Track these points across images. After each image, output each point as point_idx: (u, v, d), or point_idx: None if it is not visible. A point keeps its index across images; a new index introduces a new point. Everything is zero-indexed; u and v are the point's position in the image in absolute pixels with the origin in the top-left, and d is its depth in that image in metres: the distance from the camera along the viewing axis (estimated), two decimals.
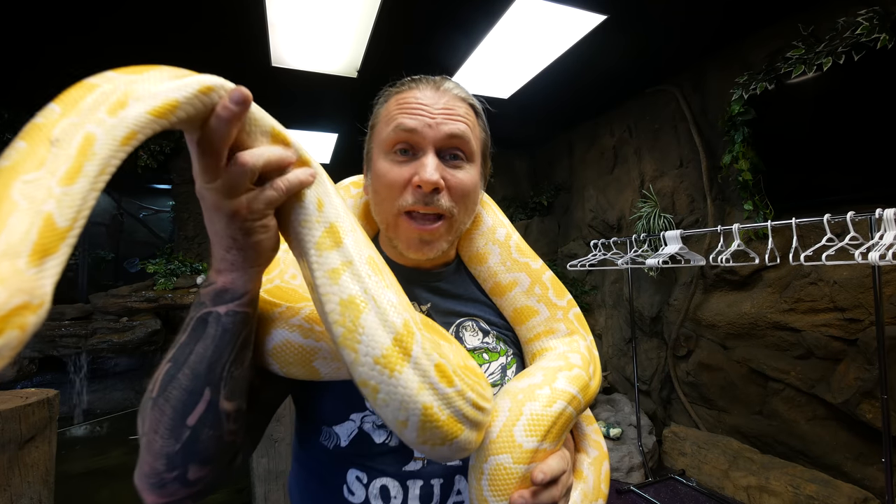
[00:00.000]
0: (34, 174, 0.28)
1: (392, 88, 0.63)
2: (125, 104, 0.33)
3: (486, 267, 0.68)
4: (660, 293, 3.38)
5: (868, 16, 2.01)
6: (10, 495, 1.32)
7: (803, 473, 2.35)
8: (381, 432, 0.58)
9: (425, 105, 0.58)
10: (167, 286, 3.41)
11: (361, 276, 0.42)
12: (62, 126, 0.30)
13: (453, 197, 0.59)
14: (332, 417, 0.59)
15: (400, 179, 0.58)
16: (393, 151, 0.59)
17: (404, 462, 0.56)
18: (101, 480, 2.63)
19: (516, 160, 5.01)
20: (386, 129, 0.60)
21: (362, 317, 0.40)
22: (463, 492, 0.57)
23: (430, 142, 0.58)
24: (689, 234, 2.75)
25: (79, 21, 2.36)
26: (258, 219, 0.41)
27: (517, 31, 2.50)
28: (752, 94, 2.52)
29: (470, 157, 0.62)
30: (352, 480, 0.57)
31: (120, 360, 3.51)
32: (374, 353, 0.40)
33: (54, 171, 0.28)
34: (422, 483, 0.56)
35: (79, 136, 0.30)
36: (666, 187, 3.33)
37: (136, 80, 0.36)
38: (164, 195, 4.29)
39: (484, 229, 0.69)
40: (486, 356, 0.64)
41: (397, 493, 0.55)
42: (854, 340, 2.24)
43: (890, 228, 1.74)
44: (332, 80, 3.01)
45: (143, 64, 0.39)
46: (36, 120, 0.30)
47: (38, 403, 1.43)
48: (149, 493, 0.45)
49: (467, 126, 0.60)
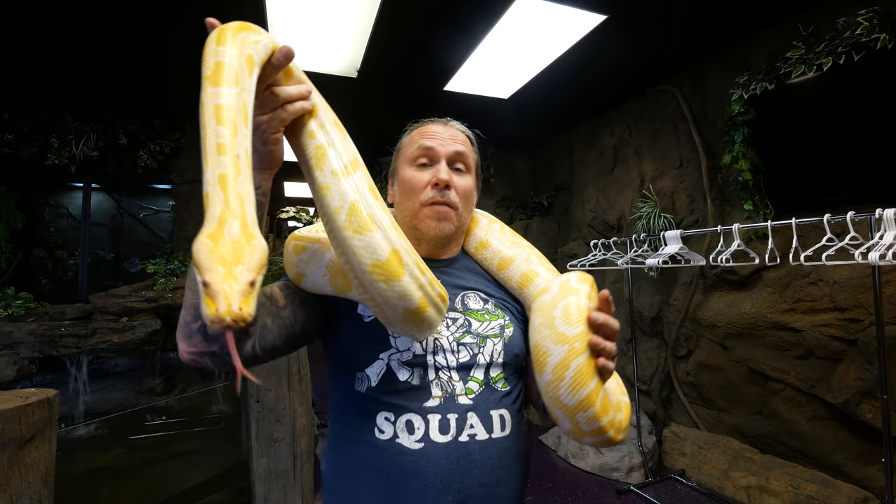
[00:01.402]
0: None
1: (415, 124, 0.88)
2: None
3: (491, 248, 0.87)
4: (660, 293, 3.38)
5: (868, 16, 2.01)
6: (10, 495, 1.32)
7: (803, 473, 2.35)
8: (404, 370, 0.70)
9: (439, 132, 0.84)
10: (167, 286, 3.41)
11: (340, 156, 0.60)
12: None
13: (458, 194, 0.82)
14: (364, 360, 0.72)
15: (423, 181, 0.81)
16: (416, 164, 0.82)
17: (424, 399, 0.69)
18: (101, 480, 2.63)
19: (516, 160, 5.00)
20: (411, 148, 0.84)
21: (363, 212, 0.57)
22: (475, 425, 0.69)
23: (442, 156, 0.82)
24: (689, 234, 2.75)
25: (79, 21, 2.36)
26: (273, 132, 0.58)
27: (517, 31, 2.50)
28: (752, 94, 2.52)
29: (469, 169, 0.85)
30: (381, 422, 0.69)
31: (120, 360, 3.50)
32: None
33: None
34: (440, 417, 0.68)
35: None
36: (666, 187, 3.33)
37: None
38: (164, 195, 4.29)
39: (483, 224, 0.91)
40: (487, 316, 0.80)
41: (420, 426, 0.67)
42: (854, 340, 2.24)
43: (890, 228, 1.74)
44: (332, 80, 3.01)
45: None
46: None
47: (38, 403, 1.43)
48: (181, 341, 0.59)
49: (466, 148, 0.85)
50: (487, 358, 0.74)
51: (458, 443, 0.67)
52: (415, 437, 0.67)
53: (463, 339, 0.74)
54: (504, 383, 0.75)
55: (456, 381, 0.71)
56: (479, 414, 0.69)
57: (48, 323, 3.15)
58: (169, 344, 3.49)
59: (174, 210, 3.93)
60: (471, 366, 0.72)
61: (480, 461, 0.67)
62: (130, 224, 4.21)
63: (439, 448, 0.66)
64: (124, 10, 2.29)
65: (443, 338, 0.73)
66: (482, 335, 0.75)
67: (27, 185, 3.61)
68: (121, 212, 4.16)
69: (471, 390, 0.71)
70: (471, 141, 0.88)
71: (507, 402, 0.74)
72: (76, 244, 3.80)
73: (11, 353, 2.99)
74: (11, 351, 3.01)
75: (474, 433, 0.68)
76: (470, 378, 0.72)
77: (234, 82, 0.50)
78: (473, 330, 0.76)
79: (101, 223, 4.07)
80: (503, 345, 0.76)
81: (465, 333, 0.75)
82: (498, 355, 0.75)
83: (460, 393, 0.70)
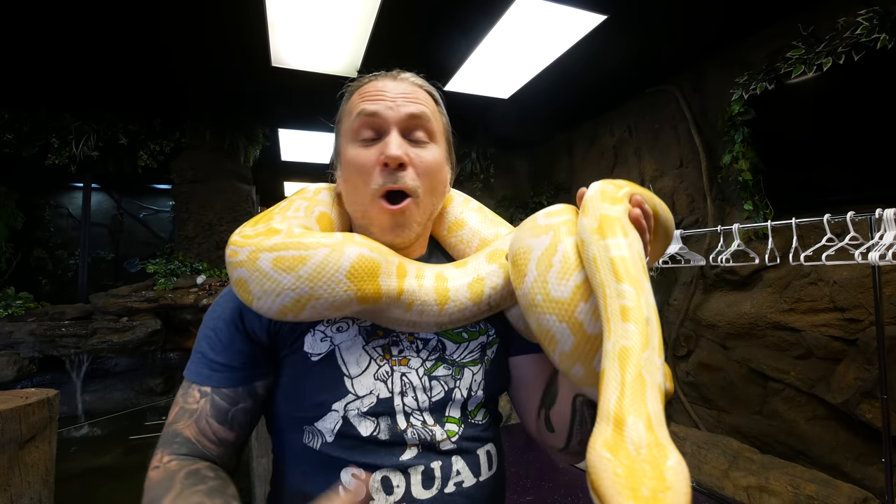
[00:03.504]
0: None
1: (353, 84, 0.67)
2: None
3: (468, 228, 0.70)
4: (660, 293, 3.38)
5: (868, 16, 2.01)
6: (10, 495, 1.32)
7: (803, 473, 2.35)
8: (367, 422, 0.56)
9: (385, 91, 0.62)
10: (167, 286, 3.41)
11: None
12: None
13: (418, 174, 0.61)
14: (311, 412, 0.57)
15: (368, 161, 0.60)
16: (359, 138, 0.62)
17: (399, 453, 0.56)
18: (101, 480, 2.63)
19: (516, 160, 5.00)
20: (350, 118, 0.63)
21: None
22: (462, 471, 0.58)
23: (392, 123, 0.60)
24: (689, 234, 2.75)
25: (79, 21, 2.36)
26: None
27: (517, 31, 2.50)
28: (752, 94, 2.52)
29: (432, 136, 0.64)
30: (348, 479, 0.55)
31: (120, 360, 3.50)
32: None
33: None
34: (422, 468, 0.56)
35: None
36: (666, 187, 3.33)
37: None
38: (164, 195, 4.29)
39: (457, 202, 0.74)
40: (466, 335, 0.64)
41: (400, 483, 0.55)
42: (854, 340, 2.24)
43: (890, 228, 1.74)
44: (332, 80, 3.01)
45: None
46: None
47: (38, 403, 1.43)
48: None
49: (427, 107, 0.63)
50: (465, 393, 0.61)
51: (444, 496, 0.56)
52: (394, 497, 0.54)
53: (435, 370, 0.61)
54: (484, 413, 0.63)
55: (431, 424, 0.58)
56: (466, 457, 0.59)
57: (48, 323, 3.15)
58: (169, 344, 3.49)
59: (174, 210, 3.94)
60: (445, 403, 0.60)
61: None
62: (130, 224, 4.22)
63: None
64: (124, 10, 2.28)
65: (412, 372, 0.60)
66: (458, 363, 0.62)
67: (27, 185, 3.62)
68: (121, 212, 4.16)
69: (452, 432, 0.59)
70: (434, 98, 0.67)
71: (491, 434, 0.64)
72: (76, 244, 3.80)
73: (11, 353, 2.99)
74: (11, 351, 3.01)
75: (461, 480, 0.58)
76: (446, 419, 0.59)
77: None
78: (448, 356, 0.62)
79: (101, 223, 4.07)
80: (483, 373, 0.63)
81: (439, 363, 0.61)
82: (477, 387, 0.62)
83: (441, 438, 0.58)
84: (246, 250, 0.52)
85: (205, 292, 3.39)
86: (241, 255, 0.53)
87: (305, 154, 4.90)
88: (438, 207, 0.67)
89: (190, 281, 3.50)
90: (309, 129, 4.11)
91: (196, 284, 3.48)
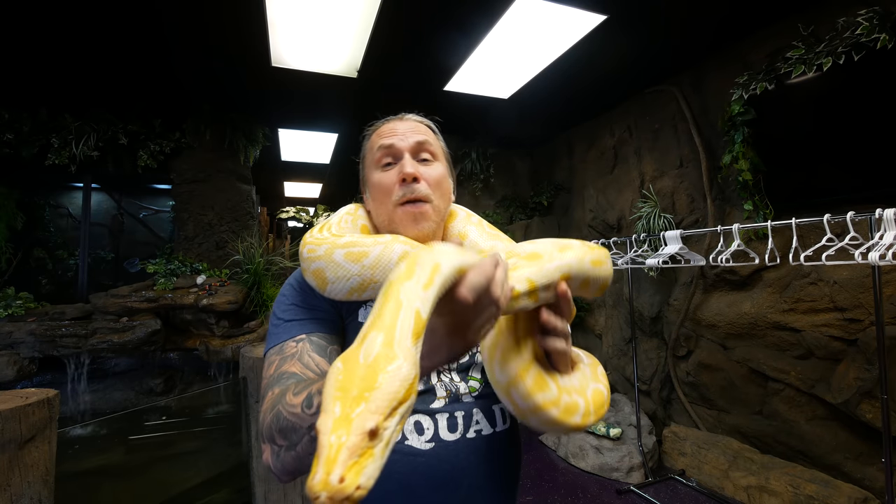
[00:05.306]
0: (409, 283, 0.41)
1: (371, 128, 0.85)
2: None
3: (468, 241, 0.85)
4: (660, 293, 3.38)
5: (868, 16, 2.01)
6: (10, 495, 1.32)
7: (803, 473, 2.35)
8: None
9: (396, 129, 0.81)
10: (167, 286, 3.41)
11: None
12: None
13: (430, 185, 0.78)
14: None
15: (390, 181, 0.78)
16: (380, 166, 0.80)
17: (430, 400, 0.70)
18: (101, 480, 2.62)
19: (516, 160, 5.00)
20: (372, 152, 0.82)
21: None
22: (480, 421, 0.71)
23: (404, 150, 0.78)
24: (689, 234, 2.75)
25: (79, 21, 2.36)
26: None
27: (517, 31, 2.50)
28: (752, 94, 2.52)
29: (435, 156, 0.82)
30: None
31: (120, 360, 3.50)
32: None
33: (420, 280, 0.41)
34: (447, 416, 0.70)
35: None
36: (666, 187, 3.33)
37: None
38: (164, 195, 4.29)
39: (461, 217, 0.90)
40: None
41: (429, 426, 0.69)
42: (854, 340, 2.24)
43: (890, 228, 1.74)
44: (331, 80, 3.00)
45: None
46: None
47: (38, 403, 1.43)
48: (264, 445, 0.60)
49: (429, 136, 0.82)
50: None
51: (466, 440, 0.69)
52: (424, 437, 0.68)
53: None
54: None
55: (458, 381, 0.73)
56: (483, 409, 0.72)
57: (48, 323, 3.15)
58: (169, 344, 3.49)
59: (174, 210, 3.93)
60: (469, 366, 0.75)
61: (488, 456, 0.70)
62: (130, 224, 4.21)
63: (449, 446, 0.68)
64: (124, 10, 2.28)
65: None
66: None
67: (27, 185, 3.61)
68: (121, 212, 4.16)
69: (473, 388, 0.73)
70: (433, 130, 0.86)
71: None
72: (76, 244, 3.80)
73: (11, 353, 2.99)
74: (11, 351, 3.01)
75: (480, 429, 0.71)
76: (470, 378, 0.74)
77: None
78: None
79: (101, 223, 4.07)
80: None
81: None
82: None
83: (464, 392, 0.72)
84: (324, 247, 0.68)
85: (205, 292, 3.38)
86: (320, 250, 0.68)
87: (305, 154, 4.90)
88: (447, 209, 0.84)
89: (190, 281, 3.50)
90: (309, 129, 4.11)
91: (196, 284, 3.47)
